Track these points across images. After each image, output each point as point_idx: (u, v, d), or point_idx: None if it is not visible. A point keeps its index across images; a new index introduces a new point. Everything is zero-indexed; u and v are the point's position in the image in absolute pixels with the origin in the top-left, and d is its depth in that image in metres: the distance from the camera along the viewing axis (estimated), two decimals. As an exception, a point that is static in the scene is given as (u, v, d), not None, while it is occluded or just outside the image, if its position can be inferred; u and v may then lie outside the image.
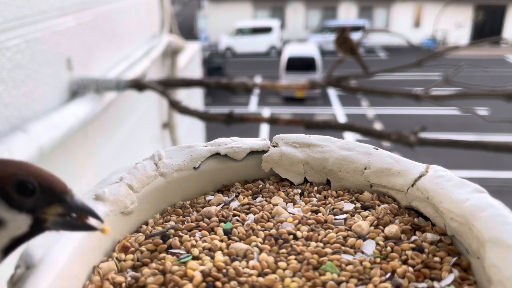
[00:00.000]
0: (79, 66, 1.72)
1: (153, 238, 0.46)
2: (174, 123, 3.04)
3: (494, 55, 12.39)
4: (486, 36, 13.57)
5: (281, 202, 0.51)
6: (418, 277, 0.39)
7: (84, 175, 1.74)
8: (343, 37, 2.12)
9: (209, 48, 14.11)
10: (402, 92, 2.10)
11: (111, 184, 0.48)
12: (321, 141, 0.56)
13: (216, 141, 0.57)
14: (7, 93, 1.26)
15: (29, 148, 1.24)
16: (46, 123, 1.37)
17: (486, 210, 0.40)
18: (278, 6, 16.35)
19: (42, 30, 1.46)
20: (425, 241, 0.44)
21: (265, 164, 0.56)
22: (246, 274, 0.40)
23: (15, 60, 1.30)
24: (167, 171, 0.52)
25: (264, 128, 7.73)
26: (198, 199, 0.53)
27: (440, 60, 2.03)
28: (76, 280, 0.40)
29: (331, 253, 0.42)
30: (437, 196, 0.45)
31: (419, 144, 1.80)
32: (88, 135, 1.78)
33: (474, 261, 0.41)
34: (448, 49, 2.84)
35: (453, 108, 2.56)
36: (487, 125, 4.33)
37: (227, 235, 0.45)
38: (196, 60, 4.46)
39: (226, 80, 1.98)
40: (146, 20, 2.76)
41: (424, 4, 15.12)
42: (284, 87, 2.68)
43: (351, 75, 2.10)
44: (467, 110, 2.48)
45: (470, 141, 2.44)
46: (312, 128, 1.86)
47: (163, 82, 2.02)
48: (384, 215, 0.47)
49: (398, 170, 0.50)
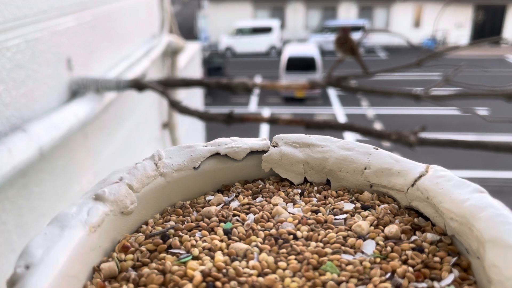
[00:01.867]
0: (79, 66, 1.72)
1: (153, 238, 0.46)
2: (174, 123, 3.04)
3: (494, 55, 12.39)
4: (486, 36, 13.57)
5: (281, 202, 0.51)
6: (418, 277, 0.39)
7: (84, 175, 1.74)
8: (343, 37, 2.11)
9: (209, 48, 14.11)
10: (402, 92, 2.10)
11: (111, 184, 0.48)
12: (321, 141, 0.56)
13: (216, 141, 0.57)
14: (7, 93, 1.26)
15: (29, 148, 1.24)
16: (46, 123, 1.37)
17: (486, 210, 0.40)
18: (278, 6, 16.35)
19: (42, 30, 1.46)
20: (425, 241, 0.44)
21: (265, 164, 0.56)
22: (246, 274, 0.40)
23: (15, 60, 1.30)
24: (167, 171, 0.52)
25: (264, 128, 7.73)
26: (198, 199, 0.53)
27: (440, 60, 2.03)
28: (76, 280, 0.40)
29: (331, 253, 0.42)
30: (437, 196, 0.45)
31: (419, 144, 1.80)
32: (88, 135, 1.78)
33: (474, 261, 0.41)
34: (448, 49, 2.84)
35: (453, 108, 2.56)
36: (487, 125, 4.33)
37: (227, 235, 0.45)
38: (196, 60, 4.46)
39: (226, 80, 1.98)
40: (146, 20, 2.76)
41: (424, 4, 15.12)
42: (284, 87, 2.67)
43: (351, 75, 2.10)
44: (467, 110, 2.48)
45: (470, 141, 2.44)
46: (312, 128, 1.85)
47: (163, 82, 2.02)
48: (384, 215, 0.47)
49: (398, 170, 0.50)
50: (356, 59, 2.14)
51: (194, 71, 4.19)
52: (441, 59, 2.04)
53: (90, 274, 0.42)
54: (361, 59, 2.14)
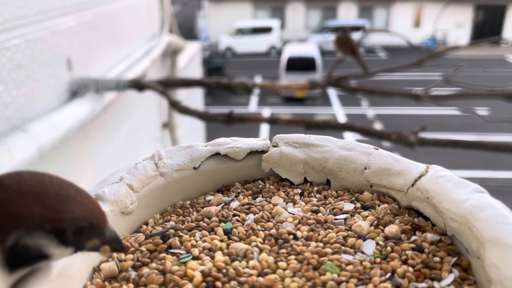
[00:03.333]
0: (79, 66, 1.72)
1: (153, 238, 0.46)
2: (174, 123, 3.04)
3: (494, 55, 12.39)
4: (486, 36, 13.56)
5: (281, 202, 0.51)
6: (418, 277, 0.39)
7: (84, 175, 1.74)
8: (344, 37, 2.12)
9: (209, 48, 14.10)
10: (402, 92, 2.10)
11: (111, 184, 0.48)
12: (321, 141, 0.56)
13: (216, 141, 0.57)
14: (7, 93, 1.26)
15: (29, 148, 1.24)
16: (46, 123, 1.37)
17: (486, 210, 0.40)
18: (278, 6, 16.35)
19: (42, 30, 1.46)
20: (425, 241, 0.44)
21: (265, 164, 0.56)
22: (246, 274, 0.40)
23: (15, 60, 1.30)
24: (167, 171, 0.52)
25: (264, 128, 7.72)
26: (198, 199, 0.53)
27: (440, 60, 2.03)
28: (76, 280, 0.40)
29: (331, 253, 0.42)
30: (437, 196, 0.45)
31: (419, 144, 1.80)
32: (88, 135, 1.78)
33: (474, 261, 0.41)
34: (448, 49, 2.84)
35: (453, 108, 2.56)
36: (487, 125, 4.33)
37: (227, 235, 0.45)
38: (196, 60, 4.46)
39: (226, 80, 1.98)
40: (146, 20, 2.76)
41: (424, 4, 15.12)
42: (284, 87, 2.68)
43: (351, 75, 2.10)
44: (467, 110, 2.48)
45: (470, 141, 2.44)
46: (312, 128, 1.85)
47: (163, 82, 2.02)
48: (384, 215, 0.47)
49: (398, 170, 0.50)
50: (356, 59, 2.14)
51: (194, 71, 4.19)
52: (441, 59, 2.04)
53: (90, 274, 0.42)
54: (361, 59, 2.14)
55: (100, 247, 0.38)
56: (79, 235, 0.36)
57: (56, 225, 0.34)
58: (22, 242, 0.34)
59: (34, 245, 0.34)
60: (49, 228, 0.34)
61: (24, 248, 0.34)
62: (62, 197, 0.35)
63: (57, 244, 0.35)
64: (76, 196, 0.36)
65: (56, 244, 0.35)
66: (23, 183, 0.34)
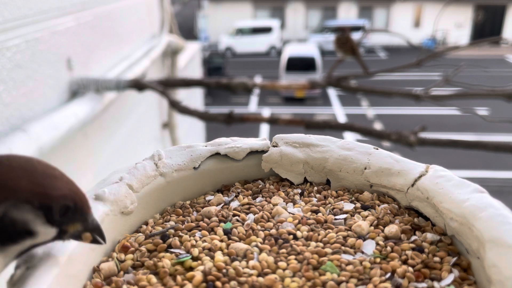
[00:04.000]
0: (79, 66, 1.72)
1: (153, 238, 0.46)
2: (174, 123, 3.04)
3: (494, 55, 12.39)
4: (486, 36, 13.56)
5: (281, 202, 0.51)
6: (418, 277, 0.39)
7: (84, 175, 1.74)
8: (344, 37, 2.12)
9: (209, 48, 14.11)
10: (402, 92, 2.10)
11: (111, 184, 0.48)
12: (321, 141, 0.56)
13: (216, 141, 0.57)
14: (7, 93, 1.26)
15: (29, 148, 1.24)
16: (46, 123, 1.37)
17: (486, 210, 0.40)
18: (278, 6, 16.34)
19: (42, 30, 1.46)
20: (425, 241, 0.44)
21: (265, 164, 0.56)
22: (246, 274, 0.40)
23: (15, 60, 1.30)
24: (167, 171, 0.52)
25: (264, 128, 7.72)
26: (198, 199, 0.53)
27: (440, 60, 2.03)
28: (76, 280, 0.40)
29: (331, 253, 0.42)
30: (437, 196, 0.45)
31: (419, 144, 1.80)
32: (88, 135, 1.78)
33: (474, 261, 0.41)
34: (448, 49, 2.84)
35: (453, 108, 2.56)
36: (487, 125, 4.33)
37: (227, 235, 0.45)
38: (196, 60, 4.46)
39: (226, 80, 1.98)
40: (146, 20, 2.76)
41: (424, 4, 15.13)
42: (284, 87, 2.68)
43: (351, 75, 2.10)
44: (467, 110, 2.48)
45: (470, 141, 2.44)
46: (312, 128, 1.86)
47: (163, 82, 2.02)
48: (384, 215, 0.47)
49: (398, 170, 0.50)
50: (356, 59, 2.14)
51: (194, 71, 4.19)
52: (441, 59, 2.04)
53: (90, 274, 0.42)
54: (361, 59, 2.14)
55: (82, 233, 0.39)
56: (64, 215, 0.37)
57: (43, 201, 0.36)
58: (9, 215, 0.35)
59: (21, 219, 0.35)
60: (37, 204, 0.35)
61: (11, 221, 0.35)
62: (50, 176, 0.37)
63: (43, 221, 0.36)
64: (63, 177, 0.38)
65: (43, 221, 0.36)
66: (13, 160, 0.36)
